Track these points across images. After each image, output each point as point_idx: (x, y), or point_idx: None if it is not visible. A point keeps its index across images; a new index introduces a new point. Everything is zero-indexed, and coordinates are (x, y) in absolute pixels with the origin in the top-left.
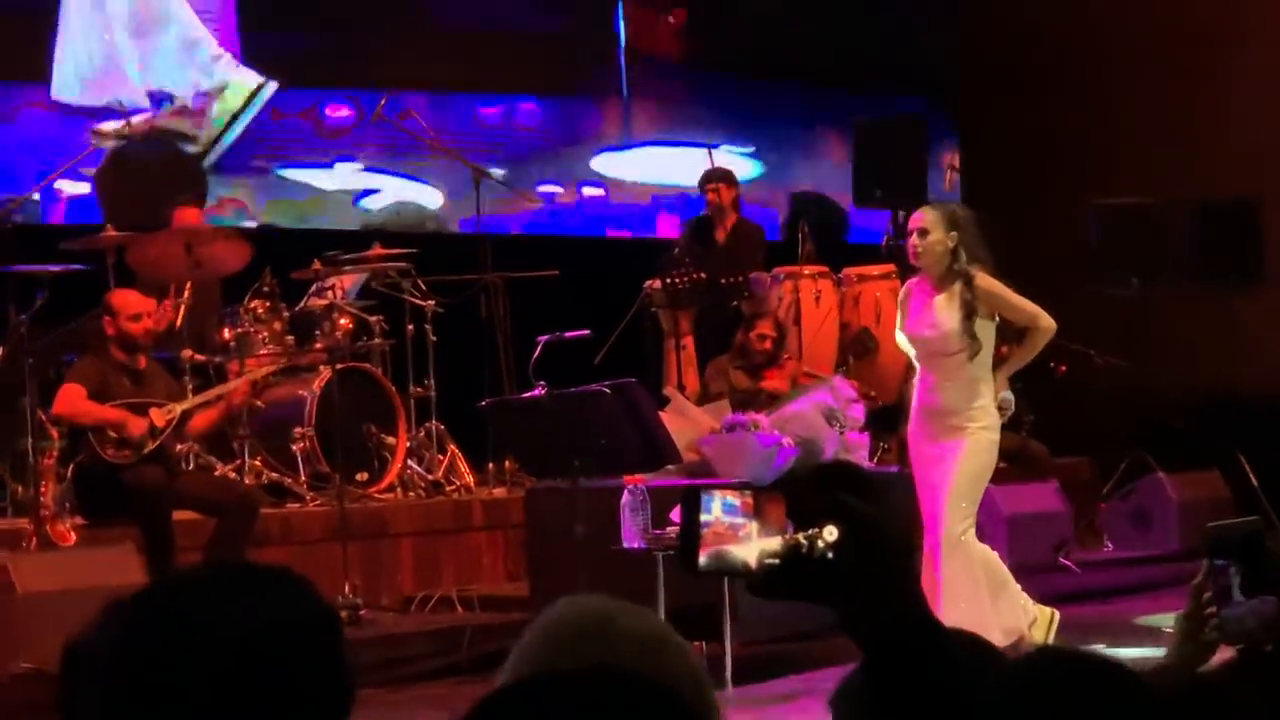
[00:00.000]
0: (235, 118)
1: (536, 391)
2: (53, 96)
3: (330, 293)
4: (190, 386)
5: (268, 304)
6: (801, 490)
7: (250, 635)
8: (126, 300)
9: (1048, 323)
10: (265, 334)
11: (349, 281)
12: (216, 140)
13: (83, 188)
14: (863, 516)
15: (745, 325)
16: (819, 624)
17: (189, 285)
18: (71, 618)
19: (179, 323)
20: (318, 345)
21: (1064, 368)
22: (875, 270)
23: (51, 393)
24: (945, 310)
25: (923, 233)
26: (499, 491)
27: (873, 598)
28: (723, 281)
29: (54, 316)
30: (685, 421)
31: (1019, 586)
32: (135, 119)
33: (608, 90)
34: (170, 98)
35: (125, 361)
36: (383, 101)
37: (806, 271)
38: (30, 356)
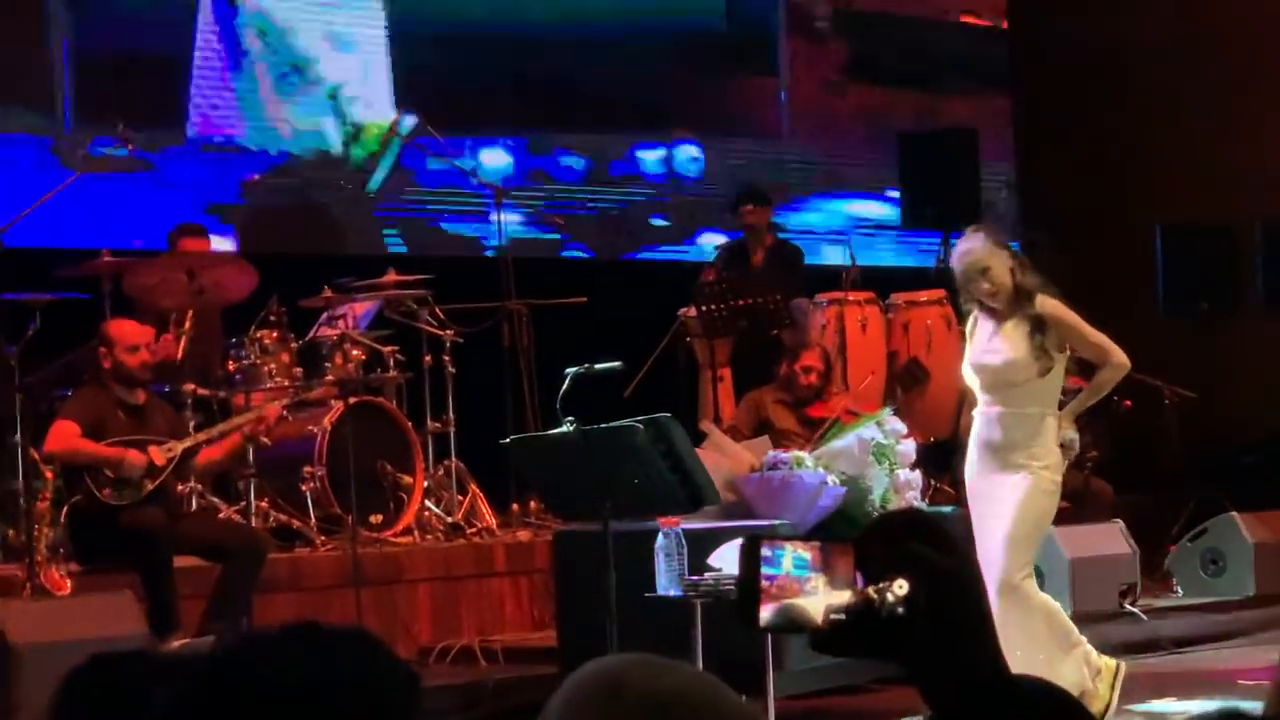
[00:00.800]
0: (378, 158)
1: (564, 427)
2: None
3: (341, 322)
4: (192, 422)
5: (275, 334)
6: (871, 541)
7: (322, 699)
8: (124, 330)
9: (1120, 359)
10: (272, 366)
11: (361, 310)
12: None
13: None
14: (936, 568)
15: (789, 356)
16: (867, 676)
17: (190, 314)
18: (66, 671)
19: (180, 354)
20: (328, 378)
21: (1129, 403)
22: (925, 296)
23: (44, 430)
24: (1013, 336)
25: (984, 271)
26: (523, 535)
27: (947, 653)
28: (759, 301)
29: (47, 348)
30: (724, 458)
31: (1083, 638)
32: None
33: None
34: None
35: (123, 396)
36: (394, 122)
37: (851, 297)
38: (21, 391)
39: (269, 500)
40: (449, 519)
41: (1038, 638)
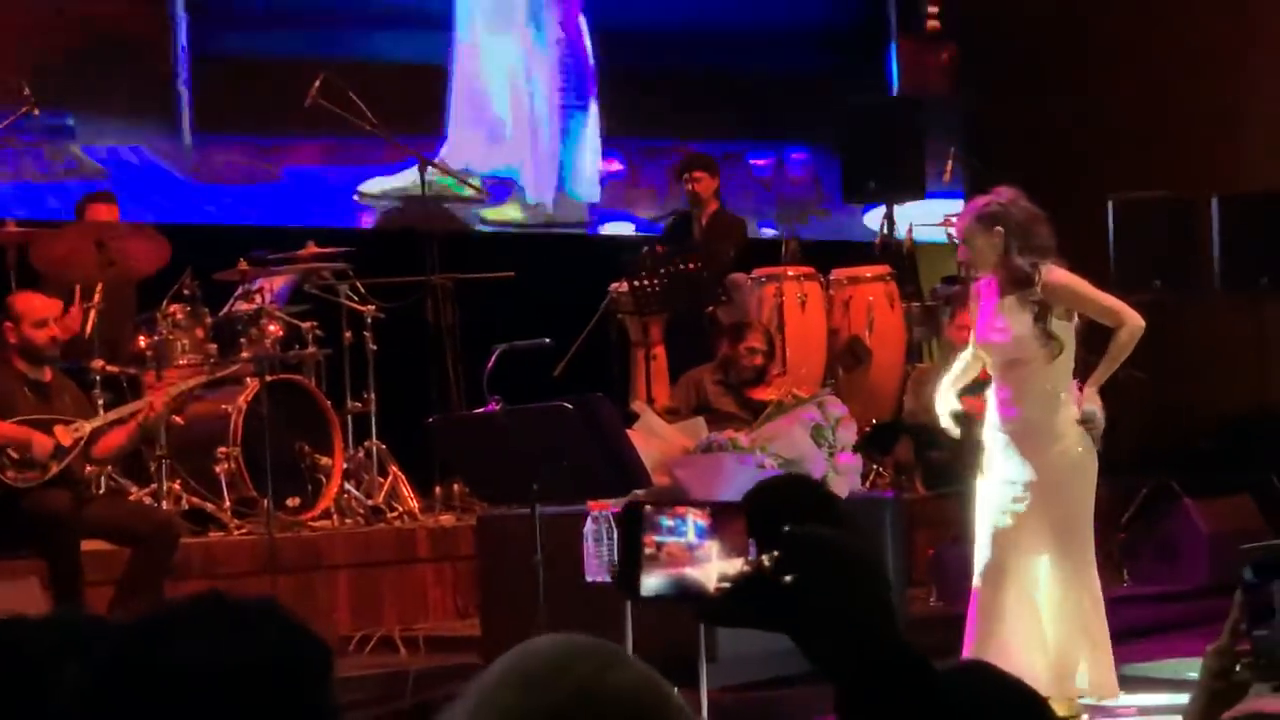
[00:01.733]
0: None
1: (490, 407)
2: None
3: (258, 296)
4: (101, 401)
5: (188, 309)
6: (764, 507)
7: (234, 677)
8: (30, 304)
9: (1134, 319)
10: (185, 342)
11: (279, 283)
12: None
13: None
14: (822, 540)
15: (731, 336)
16: (804, 666)
17: (100, 287)
18: None
19: (89, 330)
20: (244, 355)
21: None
22: (868, 271)
23: None
24: (1015, 312)
25: (966, 242)
26: (447, 519)
27: (836, 626)
28: (690, 271)
29: None
30: (656, 440)
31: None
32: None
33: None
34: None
35: (28, 373)
36: (318, 81)
37: (790, 273)
38: None
39: (181, 482)
40: (369, 502)
41: (1090, 630)
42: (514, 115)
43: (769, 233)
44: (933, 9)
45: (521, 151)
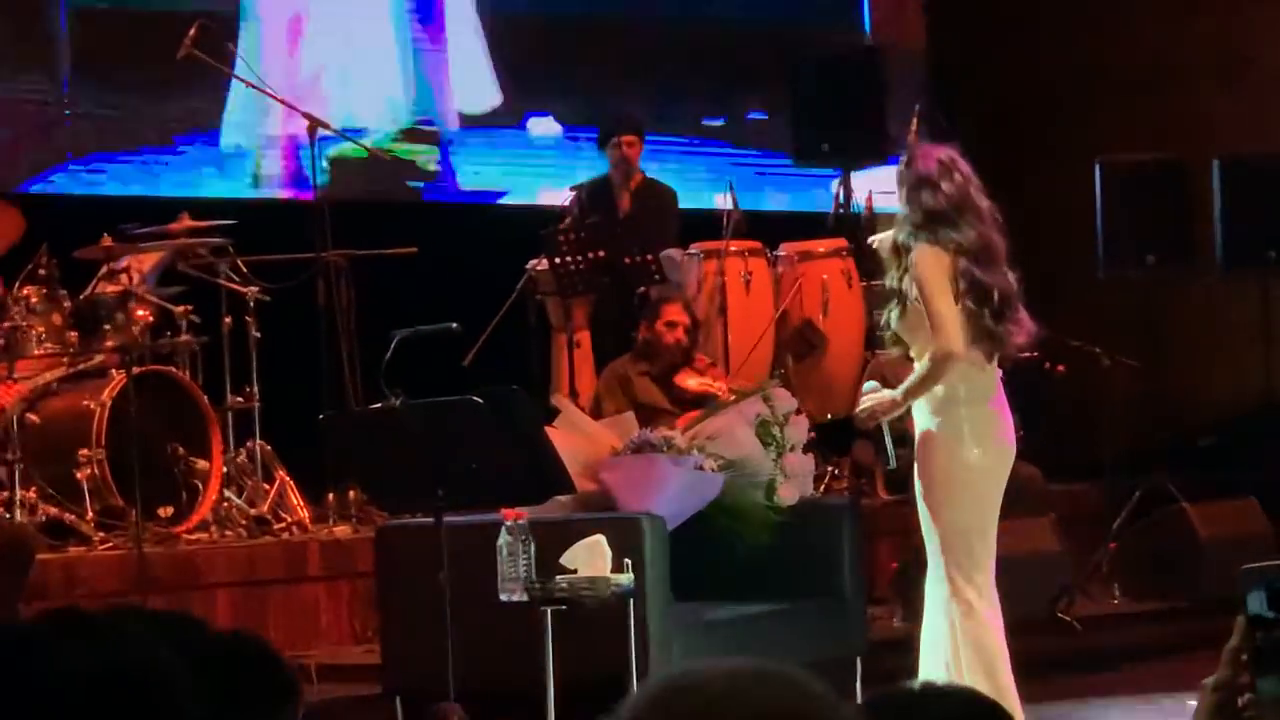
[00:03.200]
0: None
1: (389, 402)
2: None
3: (124, 276)
4: None
5: (44, 290)
6: None
7: (101, 692)
8: None
9: (944, 347)
10: (41, 329)
11: (148, 262)
12: None
13: None
14: None
15: (649, 314)
16: None
17: None
18: None
19: None
20: (108, 343)
21: (1062, 367)
22: (821, 246)
23: None
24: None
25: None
26: (341, 530)
27: None
28: (627, 261)
29: None
30: (580, 439)
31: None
32: None
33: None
34: None
35: None
36: (193, 30)
37: (733, 248)
38: None
39: (37, 490)
40: (253, 512)
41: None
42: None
43: (721, 200)
44: None
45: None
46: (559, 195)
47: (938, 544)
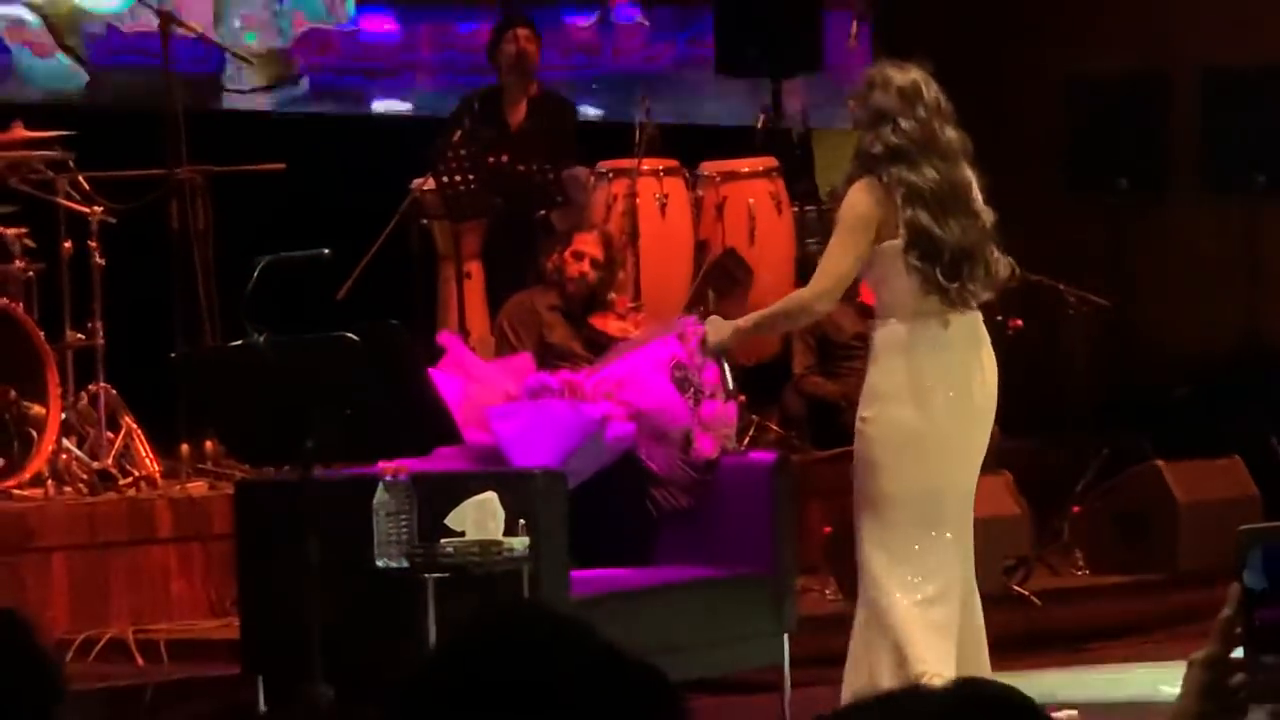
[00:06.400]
0: None
1: (251, 338)
2: None
3: None
4: None
5: None
6: None
7: None
8: None
9: (813, 293)
10: None
11: None
12: None
13: None
14: None
15: (558, 244)
16: None
17: None
18: None
19: None
20: None
21: (1018, 322)
22: (745, 165)
23: None
24: None
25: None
26: (196, 487)
27: None
28: (520, 170)
29: None
30: (469, 383)
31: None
32: None
33: None
34: None
35: None
36: None
37: (646, 167)
38: None
39: None
40: (95, 465)
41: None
42: None
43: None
44: None
45: None
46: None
47: (863, 513)
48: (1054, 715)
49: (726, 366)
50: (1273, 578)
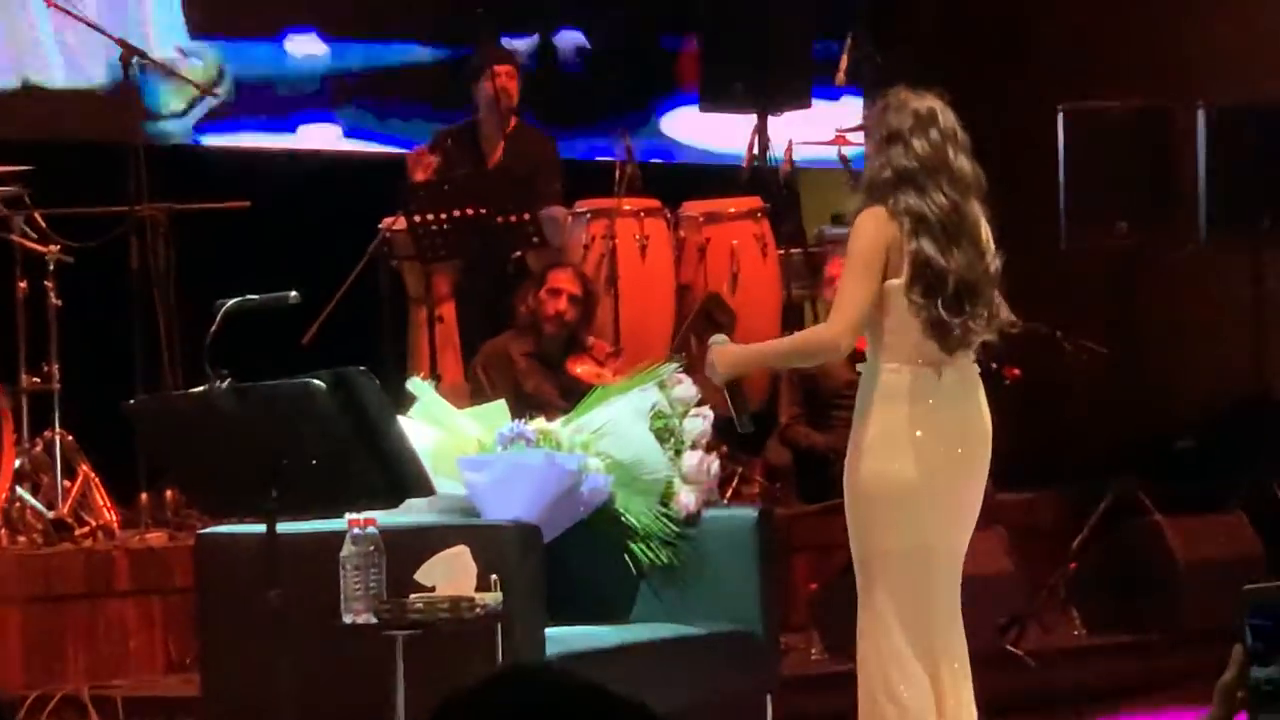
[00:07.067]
0: None
1: (214, 385)
2: None
3: None
4: None
5: None
6: None
7: None
8: None
9: (834, 333)
10: None
11: None
12: None
13: None
14: None
15: (535, 281)
16: None
17: None
18: None
19: None
20: None
21: (1017, 372)
22: (731, 206)
23: None
24: None
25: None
26: (156, 537)
27: None
28: (500, 220)
29: None
30: (441, 432)
31: None
32: None
33: None
34: None
35: None
36: None
37: (627, 207)
38: None
39: None
40: (50, 514)
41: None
42: None
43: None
44: None
45: None
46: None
47: (861, 571)
48: None
49: (732, 398)
50: (1268, 638)
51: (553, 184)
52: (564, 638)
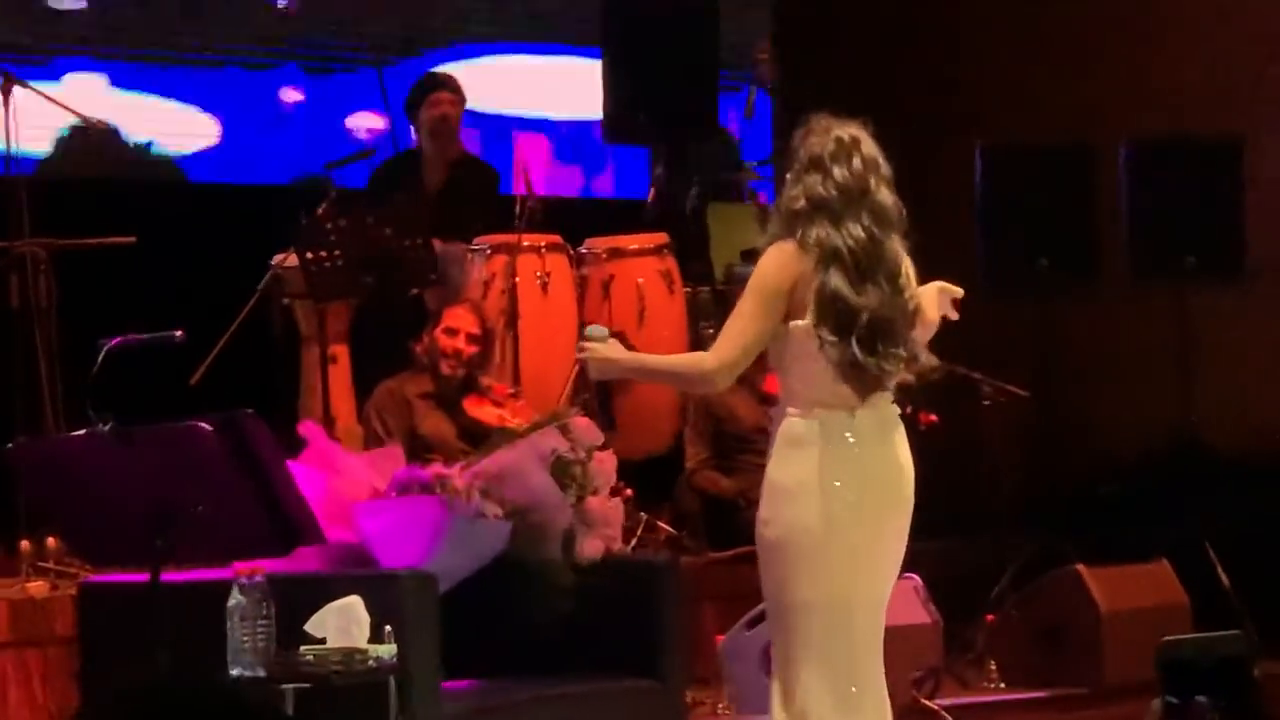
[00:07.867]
0: None
1: (96, 427)
2: None
3: None
4: None
5: None
6: None
7: None
8: None
9: (710, 367)
10: None
11: None
12: None
13: None
14: None
15: (431, 321)
16: None
17: None
18: None
19: None
20: None
21: (933, 418)
22: (634, 242)
23: None
24: None
25: None
26: (36, 587)
27: None
28: (408, 244)
29: None
30: (333, 477)
31: None
32: None
33: None
34: None
35: None
36: None
37: (527, 242)
38: None
39: None
40: None
41: None
42: None
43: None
44: None
45: None
46: None
47: (777, 624)
48: None
49: (599, 398)
50: (1179, 691)
51: (491, 217)
52: (461, 692)
